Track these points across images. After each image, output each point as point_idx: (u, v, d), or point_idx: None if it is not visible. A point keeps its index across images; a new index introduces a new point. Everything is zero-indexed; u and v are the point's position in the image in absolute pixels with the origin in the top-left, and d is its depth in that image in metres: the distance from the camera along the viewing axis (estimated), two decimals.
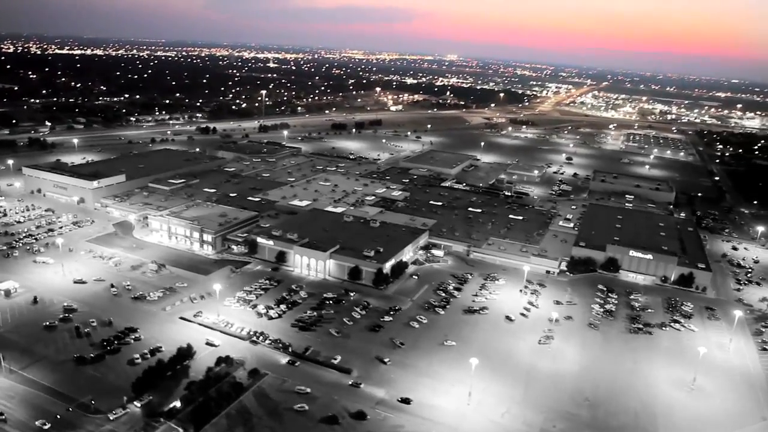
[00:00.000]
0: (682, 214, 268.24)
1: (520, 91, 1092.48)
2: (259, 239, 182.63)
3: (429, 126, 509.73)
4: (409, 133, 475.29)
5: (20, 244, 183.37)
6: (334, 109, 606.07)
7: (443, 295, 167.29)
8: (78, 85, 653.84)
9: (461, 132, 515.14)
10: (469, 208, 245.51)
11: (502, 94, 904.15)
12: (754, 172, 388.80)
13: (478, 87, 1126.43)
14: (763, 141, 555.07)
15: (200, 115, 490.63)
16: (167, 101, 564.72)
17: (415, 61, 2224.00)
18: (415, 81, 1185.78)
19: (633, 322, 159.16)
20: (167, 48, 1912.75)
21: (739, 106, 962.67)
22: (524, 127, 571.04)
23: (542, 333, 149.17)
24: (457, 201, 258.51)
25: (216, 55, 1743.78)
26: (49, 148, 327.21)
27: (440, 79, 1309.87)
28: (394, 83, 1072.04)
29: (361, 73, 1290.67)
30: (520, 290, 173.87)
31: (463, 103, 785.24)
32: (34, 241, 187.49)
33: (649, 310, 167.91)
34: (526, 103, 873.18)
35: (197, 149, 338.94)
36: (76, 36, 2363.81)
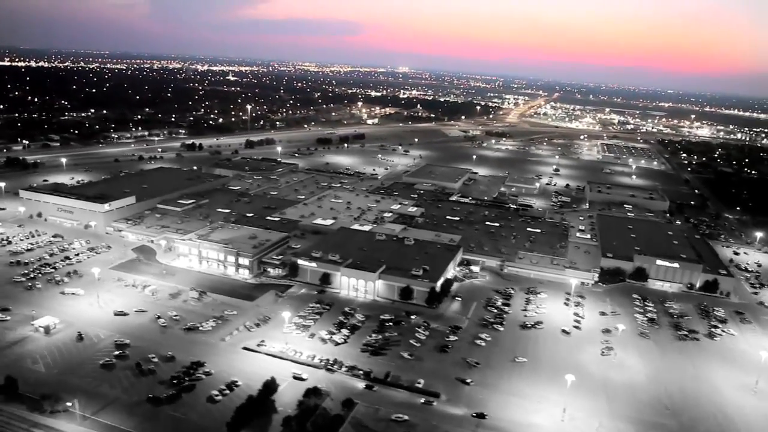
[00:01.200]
0: (678, 222, 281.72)
1: (482, 103, 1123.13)
2: (300, 261, 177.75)
3: (416, 140, 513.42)
4: (399, 146, 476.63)
5: (39, 275, 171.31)
6: (312, 123, 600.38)
7: (495, 311, 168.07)
8: (35, 100, 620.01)
9: (444, 145, 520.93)
10: (486, 222, 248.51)
11: (478, 107, 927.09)
12: (723, 180, 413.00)
13: (442, 99, 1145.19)
14: (720, 149, 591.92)
15: (183, 131, 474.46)
16: (139, 117, 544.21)
17: (370, 74, 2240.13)
18: (380, 94, 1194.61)
19: (677, 329, 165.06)
20: (115, 60, 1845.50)
21: (692, 116, 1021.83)
22: (503, 139, 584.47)
23: (601, 344, 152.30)
24: (471, 215, 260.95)
25: (169, 67, 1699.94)
26: (31, 168, 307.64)
27: (401, 91, 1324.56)
28: (360, 96, 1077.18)
29: (324, 87, 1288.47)
30: (565, 303, 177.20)
31: (433, 115, 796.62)
32: (52, 270, 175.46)
33: (687, 317, 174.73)
34: (491, 116, 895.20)
35: (194, 167, 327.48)
36: (11, 46, 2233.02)
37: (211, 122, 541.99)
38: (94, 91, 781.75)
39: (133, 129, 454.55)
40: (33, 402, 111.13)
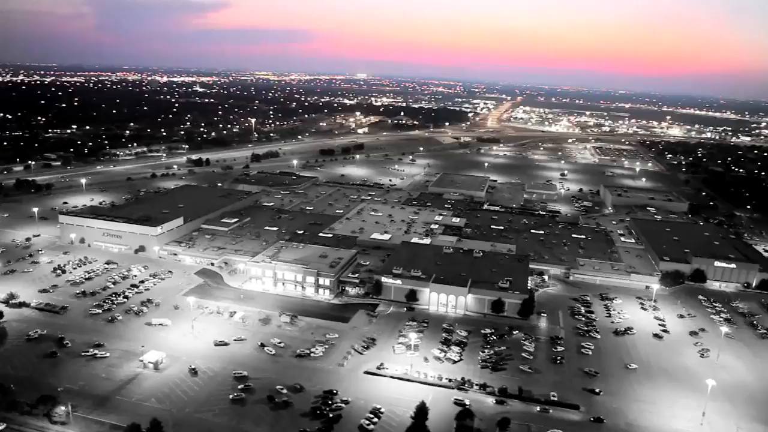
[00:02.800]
0: (700, 222, 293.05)
1: (457, 109, 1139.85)
2: (384, 279, 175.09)
3: (420, 149, 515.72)
4: (403, 156, 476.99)
5: (113, 305, 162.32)
6: (307, 134, 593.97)
7: (583, 319, 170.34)
8: (8, 116, 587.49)
9: (444, 153, 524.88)
10: (531, 231, 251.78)
11: (461, 113, 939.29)
12: (718, 179, 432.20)
13: (415, 106, 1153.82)
14: (700, 149, 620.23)
15: (183, 146, 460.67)
16: (128, 132, 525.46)
17: (331, 81, 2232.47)
18: (353, 102, 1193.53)
19: (754, 328, 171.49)
20: (68, 73, 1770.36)
21: (668, 117, 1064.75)
22: (497, 145, 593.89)
23: (695, 347, 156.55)
24: (511, 224, 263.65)
25: (128, 79, 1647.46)
26: (44, 189, 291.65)
27: (372, 99, 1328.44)
28: (336, 105, 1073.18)
29: (296, 96, 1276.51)
30: (642, 307, 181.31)
31: (416, 122, 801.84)
32: (125, 300, 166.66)
33: (758, 315, 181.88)
34: (470, 122, 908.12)
35: (219, 184, 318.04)
36: None
37: (205, 136, 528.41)
38: (63, 106, 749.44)
39: (130, 145, 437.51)
40: None
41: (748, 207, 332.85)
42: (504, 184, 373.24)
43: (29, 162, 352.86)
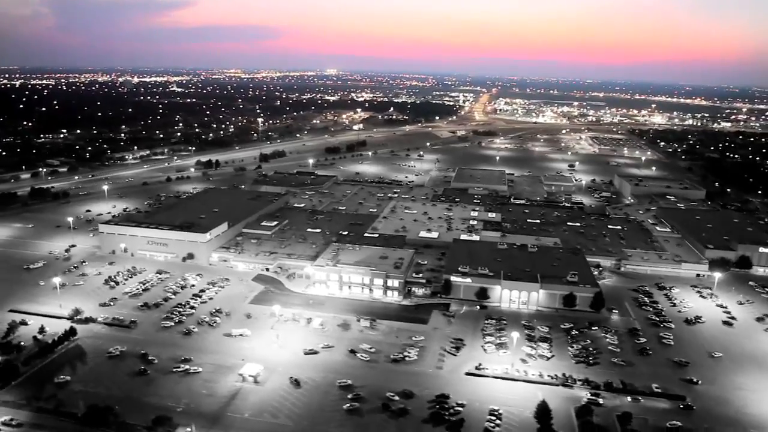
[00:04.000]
0: (719, 209, 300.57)
1: (440, 102, 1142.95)
2: (453, 278, 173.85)
3: (428, 144, 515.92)
4: (421, 152, 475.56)
5: (181, 317, 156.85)
6: (305, 132, 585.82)
7: (651, 309, 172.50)
8: None
9: (447, 147, 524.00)
10: (568, 223, 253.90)
11: (462, 110, 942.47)
12: (717, 166, 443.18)
13: (397, 101, 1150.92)
14: (689, 136, 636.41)
15: (193, 148, 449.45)
16: (122, 135, 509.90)
17: (302, 78, 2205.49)
18: (336, 98, 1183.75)
19: None
20: (34, 75, 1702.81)
21: (653, 106, 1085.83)
22: (496, 138, 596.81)
23: (766, 333, 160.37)
24: (544, 216, 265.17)
25: (99, 80, 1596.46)
26: (62, 197, 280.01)
27: (353, 95, 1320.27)
28: (319, 101, 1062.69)
29: (276, 93, 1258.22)
30: (701, 295, 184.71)
31: (407, 118, 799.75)
32: (191, 310, 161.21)
33: None
34: (457, 116, 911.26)
35: (242, 186, 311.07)
36: None
37: (203, 137, 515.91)
38: (44, 109, 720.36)
39: (132, 149, 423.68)
40: None
41: (759, 192, 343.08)
42: (521, 177, 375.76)
43: (39, 169, 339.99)
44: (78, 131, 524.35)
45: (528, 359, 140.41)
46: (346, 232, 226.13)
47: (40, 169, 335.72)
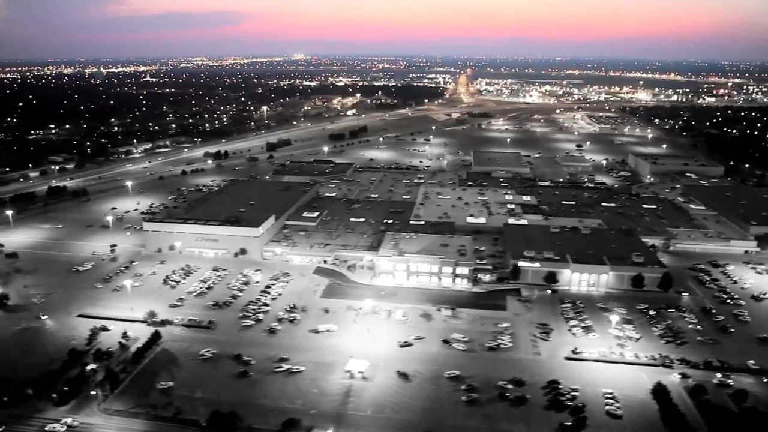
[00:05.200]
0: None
1: (422, 85, 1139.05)
2: (521, 263, 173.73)
3: (433, 127, 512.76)
4: (431, 136, 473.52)
5: (258, 315, 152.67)
6: (302, 119, 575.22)
7: (715, 287, 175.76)
8: None
9: (449, 130, 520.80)
10: (602, 204, 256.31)
11: (447, 92, 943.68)
12: (718, 141, 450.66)
13: (378, 84, 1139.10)
14: (681, 112, 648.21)
15: (199, 139, 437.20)
16: (116, 129, 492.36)
17: (271, 64, 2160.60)
18: (315, 83, 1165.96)
19: None
20: None
21: (641, 83, 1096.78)
22: (492, 120, 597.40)
23: None
24: (575, 198, 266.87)
25: (64, 72, 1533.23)
26: (82, 195, 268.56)
27: (329, 79, 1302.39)
28: (301, 87, 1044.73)
29: (253, 81, 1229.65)
30: (757, 271, 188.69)
31: (396, 101, 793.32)
32: (265, 307, 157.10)
33: None
34: (444, 98, 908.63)
35: (255, 176, 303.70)
36: None
37: (200, 127, 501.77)
38: (21, 104, 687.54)
39: (132, 142, 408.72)
40: None
41: None
42: (537, 159, 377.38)
43: (50, 166, 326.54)
44: (67, 126, 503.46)
45: (615, 341, 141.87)
46: (390, 221, 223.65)
47: (53, 167, 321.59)
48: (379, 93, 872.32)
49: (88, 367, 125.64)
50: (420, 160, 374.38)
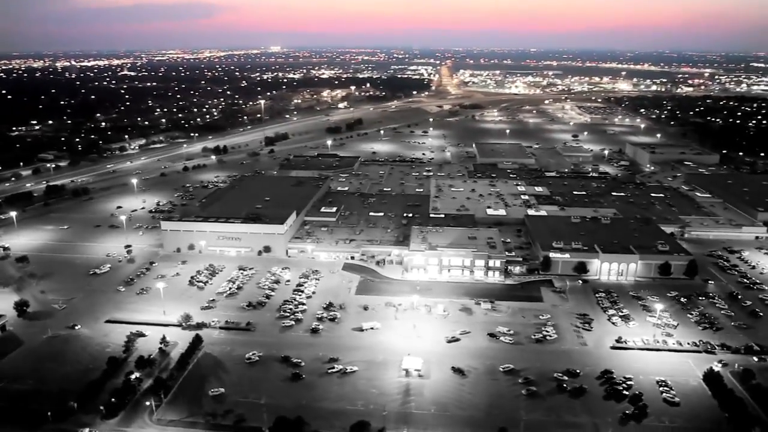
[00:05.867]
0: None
1: (406, 76, 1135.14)
2: (552, 254, 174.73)
3: (431, 119, 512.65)
4: (431, 128, 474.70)
5: (296, 315, 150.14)
6: (294, 113, 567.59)
7: (736, 273, 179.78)
8: None
9: (444, 122, 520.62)
10: (612, 193, 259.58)
11: (433, 84, 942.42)
12: (706, 130, 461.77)
13: (361, 76, 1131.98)
14: (664, 102, 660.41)
15: (196, 134, 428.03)
16: (104, 124, 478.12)
17: (249, 56, 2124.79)
18: (299, 76, 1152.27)
19: None
20: None
21: (623, 74, 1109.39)
22: (484, 111, 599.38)
23: None
24: (584, 188, 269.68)
25: (34, 66, 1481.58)
26: (83, 194, 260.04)
27: (312, 72, 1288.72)
28: (285, 80, 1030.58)
29: (237, 74, 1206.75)
30: None
31: (384, 94, 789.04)
32: (302, 306, 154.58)
33: None
34: (431, 90, 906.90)
35: (261, 171, 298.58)
36: None
37: (191, 122, 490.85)
38: None
39: (125, 138, 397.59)
40: None
41: (762, 155, 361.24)
42: (537, 150, 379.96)
43: (44, 164, 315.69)
44: (50, 122, 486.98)
45: (655, 329, 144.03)
46: (410, 214, 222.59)
47: (47, 164, 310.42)
48: (368, 85, 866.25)
49: (133, 376, 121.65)
50: (422, 152, 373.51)
